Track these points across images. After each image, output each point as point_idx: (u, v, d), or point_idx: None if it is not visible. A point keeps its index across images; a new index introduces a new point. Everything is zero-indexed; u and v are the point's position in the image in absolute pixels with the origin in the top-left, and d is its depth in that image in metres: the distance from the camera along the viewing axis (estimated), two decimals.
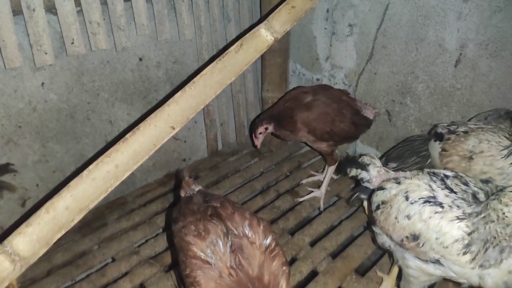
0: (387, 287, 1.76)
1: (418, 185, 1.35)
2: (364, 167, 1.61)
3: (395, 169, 1.93)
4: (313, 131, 2.19)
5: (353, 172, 1.65)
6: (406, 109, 2.43)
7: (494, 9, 1.91)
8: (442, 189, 1.31)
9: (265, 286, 1.16)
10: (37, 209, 1.16)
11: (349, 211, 2.36)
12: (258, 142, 2.32)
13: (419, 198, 1.31)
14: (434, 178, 1.37)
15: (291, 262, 1.96)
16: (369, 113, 2.29)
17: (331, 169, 2.42)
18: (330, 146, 2.30)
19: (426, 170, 1.47)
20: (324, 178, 2.44)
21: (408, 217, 1.31)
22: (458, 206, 1.24)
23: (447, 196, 1.28)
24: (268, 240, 1.32)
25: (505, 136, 1.57)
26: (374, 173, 1.59)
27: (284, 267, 1.27)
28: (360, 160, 1.66)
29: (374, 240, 1.68)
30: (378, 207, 1.48)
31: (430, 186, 1.33)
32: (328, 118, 2.18)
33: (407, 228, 1.32)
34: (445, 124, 1.83)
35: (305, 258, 1.96)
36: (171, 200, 2.43)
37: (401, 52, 2.33)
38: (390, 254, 1.62)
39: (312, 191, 2.46)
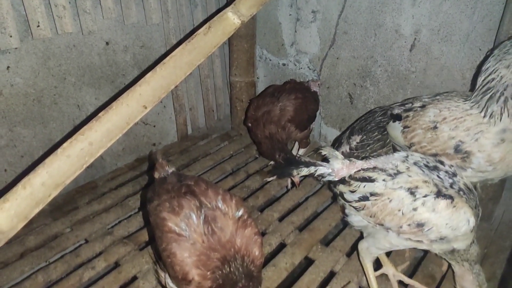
0: (389, 271, 1.84)
1: (424, 181, 1.48)
2: (312, 164, 1.64)
3: (359, 143, 2.05)
4: (298, 124, 2.38)
5: (304, 171, 1.64)
6: (366, 92, 2.58)
7: None
8: (442, 182, 1.50)
9: (237, 250, 1.26)
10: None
11: (314, 189, 2.49)
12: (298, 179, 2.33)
13: (430, 192, 1.45)
14: (426, 171, 1.53)
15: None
16: (315, 87, 2.61)
17: (302, 151, 2.63)
18: (308, 130, 2.53)
19: (407, 156, 1.60)
20: None
21: (415, 209, 1.45)
22: (461, 196, 1.46)
23: (451, 188, 1.49)
24: (240, 212, 1.41)
25: (460, 100, 1.67)
26: (339, 166, 1.63)
27: (256, 236, 1.37)
28: (323, 153, 1.68)
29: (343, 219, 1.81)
30: (366, 198, 1.55)
31: (434, 182, 1.48)
32: (303, 107, 2.40)
33: (412, 218, 1.45)
34: (398, 104, 1.96)
35: (274, 232, 2.07)
36: (143, 183, 2.47)
37: (361, 38, 2.46)
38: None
39: None
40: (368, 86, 2.55)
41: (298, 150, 2.64)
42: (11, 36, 1.91)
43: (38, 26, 1.99)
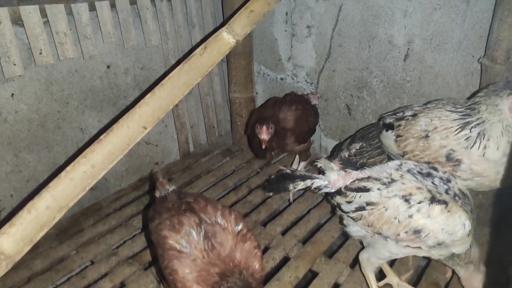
0: (392, 280, 1.85)
1: (418, 187, 1.50)
2: (308, 177, 1.66)
3: (359, 151, 2.08)
4: (298, 135, 2.39)
5: (300, 185, 1.66)
6: (363, 103, 2.61)
7: (435, 6, 2.11)
8: (436, 188, 1.53)
9: (237, 264, 1.27)
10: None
11: (316, 201, 2.50)
12: (266, 137, 2.20)
13: (424, 198, 1.47)
14: (420, 178, 1.56)
15: (264, 250, 2.07)
16: (315, 100, 2.66)
17: (303, 164, 2.63)
18: (308, 143, 2.54)
19: (401, 164, 1.63)
20: None
21: (411, 216, 1.46)
22: (456, 200, 1.49)
23: (446, 194, 1.51)
24: (240, 227, 1.43)
25: (450, 110, 1.72)
26: (334, 177, 1.65)
27: (256, 250, 1.39)
28: (318, 165, 1.71)
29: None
30: (362, 208, 1.56)
31: (427, 188, 1.50)
32: (303, 118, 2.42)
33: (408, 225, 1.47)
34: (390, 114, 2.00)
35: (277, 246, 2.08)
36: (146, 202, 2.50)
37: (355, 50, 2.51)
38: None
39: None
40: (365, 96, 2.58)
41: (299, 163, 2.66)
42: (15, 64, 1.98)
43: (41, 53, 2.06)
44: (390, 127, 1.89)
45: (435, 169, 1.61)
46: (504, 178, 1.60)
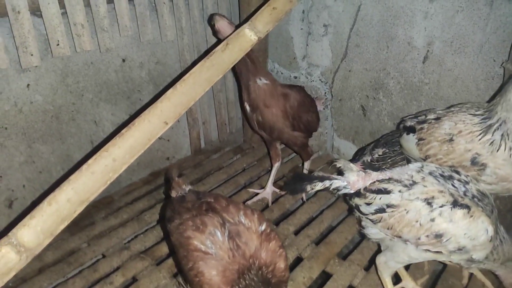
0: (408, 285, 1.83)
1: (440, 191, 1.48)
2: (326, 178, 1.63)
3: (381, 156, 2.05)
4: (294, 117, 2.25)
5: (319, 186, 1.63)
6: (379, 104, 2.59)
7: (457, 9, 2.08)
8: (458, 191, 1.51)
9: (262, 264, 1.26)
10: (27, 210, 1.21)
11: (329, 202, 2.48)
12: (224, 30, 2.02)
13: (447, 202, 1.45)
14: (441, 180, 1.54)
15: None
16: (319, 105, 2.60)
17: (307, 164, 2.58)
18: (304, 138, 2.41)
19: (422, 167, 1.60)
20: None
21: (433, 220, 1.44)
22: (477, 204, 1.47)
23: (465, 197, 1.49)
24: (263, 226, 1.41)
25: (474, 114, 1.70)
26: (353, 178, 1.63)
27: (281, 249, 1.38)
28: (337, 165, 1.68)
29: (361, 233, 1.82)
30: (382, 210, 1.54)
31: (450, 192, 1.48)
32: (306, 107, 2.34)
33: (430, 229, 1.45)
34: (411, 117, 1.97)
35: (290, 246, 2.07)
36: (158, 197, 2.49)
37: (373, 50, 2.48)
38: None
39: None
40: (381, 98, 2.56)
41: (303, 164, 2.61)
42: (32, 55, 1.96)
43: (58, 44, 2.04)
44: (411, 130, 1.86)
45: (458, 172, 1.59)
46: None
